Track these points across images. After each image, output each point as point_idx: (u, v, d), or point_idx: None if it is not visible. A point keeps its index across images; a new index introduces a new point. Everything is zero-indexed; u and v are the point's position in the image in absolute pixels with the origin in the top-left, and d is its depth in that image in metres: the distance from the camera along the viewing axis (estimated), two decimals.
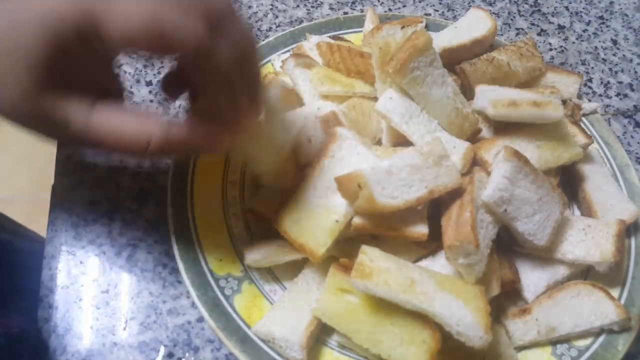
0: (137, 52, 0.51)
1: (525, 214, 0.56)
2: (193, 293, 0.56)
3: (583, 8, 0.93)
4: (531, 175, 0.56)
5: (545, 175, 0.58)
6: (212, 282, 0.57)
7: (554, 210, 0.58)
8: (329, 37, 0.76)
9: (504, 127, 0.64)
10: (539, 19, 0.91)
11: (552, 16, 0.91)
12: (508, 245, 0.59)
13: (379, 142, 0.65)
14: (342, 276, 0.52)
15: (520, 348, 0.57)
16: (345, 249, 0.55)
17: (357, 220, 0.53)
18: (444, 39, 0.73)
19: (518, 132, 0.62)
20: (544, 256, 0.59)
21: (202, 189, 0.63)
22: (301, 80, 0.66)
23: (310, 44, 0.73)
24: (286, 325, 0.53)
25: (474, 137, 0.64)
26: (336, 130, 0.57)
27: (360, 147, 0.56)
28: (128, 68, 0.78)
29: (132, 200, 0.66)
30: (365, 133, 0.64)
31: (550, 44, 0.87)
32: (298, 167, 0.60)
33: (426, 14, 0.89)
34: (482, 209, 0.55)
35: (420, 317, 0.49)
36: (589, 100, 0.78)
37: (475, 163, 0.61)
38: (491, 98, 0.61)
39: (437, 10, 0.90)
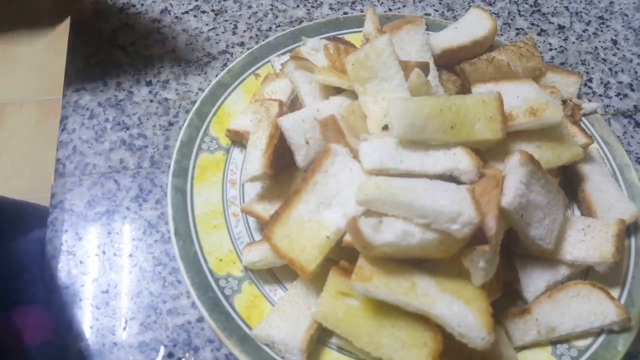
0: None
1: (537, 219, 0.56)
2: (193, 293, 0.56)
3: (583, 8, 0.93)
4: (542, 179, 0.56)
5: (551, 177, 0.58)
6: (212, 282, 0.57)
7: (559, 212, 0.57)
8: (328, 38, 0.76)
9: None
10: (539, 19, 0.90)
11: (552, 16, 0.91)
12: (507, 245, 0.59)
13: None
14: (342, 279, 0.52)
15: (520, 348, 0.57)
16: (345, 252, 0.55)
17: (348, 238, 0.53)
18: (444, 40, 0.73)
19: (518, 133, 0.62)
20: (544, 257, 0.59)
21: (202, 189, 0.63)
22: (301, 83, 0.66)
23: (308, 48, 0.73)
24: (286, 329, 0.53)
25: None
26: (330, 146, 0.57)
27: (353, 163, 0.56)
28: (128, 68, 0.78)
29: (132, 200, 0.66)
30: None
31: (550, 44, 0.87)
32: (296, 169, 0.60)
33: (426, 14, 0.89)
34: None
35: (422, 320, 0.49)
36: (589, 100, 0.77)
37: None
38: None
39: (437, 10, 0.90)
